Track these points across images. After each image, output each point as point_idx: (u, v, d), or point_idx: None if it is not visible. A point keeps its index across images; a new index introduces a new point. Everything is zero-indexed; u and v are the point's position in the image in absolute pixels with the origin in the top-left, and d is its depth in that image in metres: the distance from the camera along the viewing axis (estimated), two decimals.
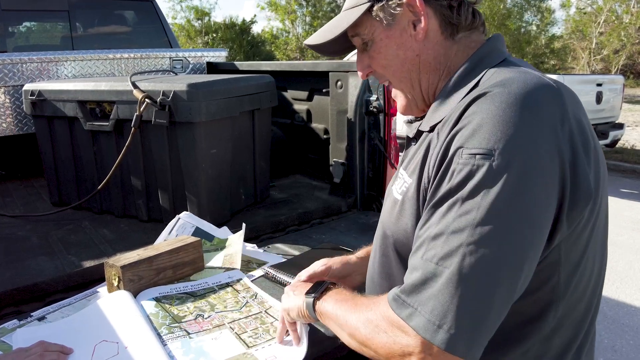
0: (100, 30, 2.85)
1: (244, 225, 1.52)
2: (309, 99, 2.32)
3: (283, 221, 1.81)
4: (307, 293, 0.89)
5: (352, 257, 1.11)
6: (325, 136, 2.24)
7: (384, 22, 0.80)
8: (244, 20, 20.15)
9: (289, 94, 2.42)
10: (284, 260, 1.45)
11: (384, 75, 0.86)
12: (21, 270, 1.37)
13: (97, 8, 2.82)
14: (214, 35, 19.03)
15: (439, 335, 0.60)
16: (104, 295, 1.26)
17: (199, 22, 19.32)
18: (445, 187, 0.65)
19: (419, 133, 0.82)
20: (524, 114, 0.62)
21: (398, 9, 0.78)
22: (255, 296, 1.25)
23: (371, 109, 1.88)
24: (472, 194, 0.62)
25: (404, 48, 0.80)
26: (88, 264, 1.42)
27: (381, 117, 1.88)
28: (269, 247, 1.60)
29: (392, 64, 0.82)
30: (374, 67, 0.86)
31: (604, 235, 0.76)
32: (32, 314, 1.18)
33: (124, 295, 1.19)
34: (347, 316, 0.77)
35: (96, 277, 1.37)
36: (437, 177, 0.67)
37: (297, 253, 1.53)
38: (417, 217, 0.73)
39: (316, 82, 2.21)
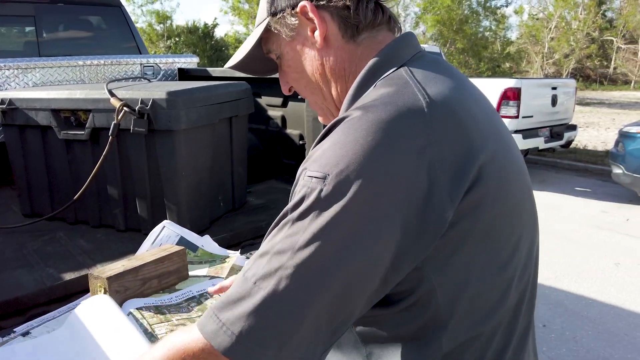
0: (67, 36, 2.77)
1: (238, 252, 1.52)
2: (284, 105, 2.35)
3: (264, 227, 1.82)
4: None
5: None
6: (300, 142, 2.27)
7: (286, 35, 0.78)
8: (205, 24, 19.95)
9: (263, 100, 2.44)
10: None
11: (298, 89, 0.84)
12: None
13: (64, 13, 2.74)
14: (177, 39, 18.77)
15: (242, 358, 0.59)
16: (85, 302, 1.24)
17: (161, 26, 19.00)
18: (286, 207, 0.64)
19: None
20: (371, 143, 0.59)
21: (293, 19, 0.76)
22: None
23: None
24: (301, 217, 0.60)
25: (308, 59, 0.78)
26: (68, 276, 1.40)
27: None
28: (251, 254, 1.61)
29: (302, 76, 0.80)
30: (290, 82, 0.83)
31: (502, 257, 0.70)
32: (15, 329, 1.15)
33: (106, 301, 1.17)
34: None
35: (78, 289, 1.35)
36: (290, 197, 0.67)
37: None
38: None
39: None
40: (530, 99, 6.22)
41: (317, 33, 0.75)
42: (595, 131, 11.06)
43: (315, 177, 0.60)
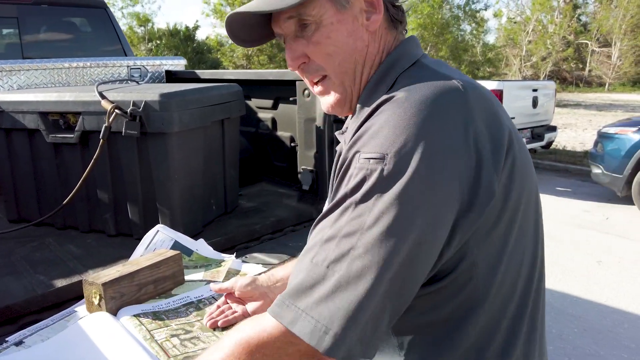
0: (51, 38, 2.71)
1: (233, 256, 1.50)
2: (274, 107, 2.34)
3: (258, 230, 1.81)
4: None
5: (279, 270, 1.16)
6: (292, 144, 2.26)
7: (338, 4, 0.74)
8: (186, 27, 19.81)
9: (253, 103, 2.43)
10: (265, 270, 1.46)
11: (321, 67, 0.77)
12: None
13: (47, 15, 2.68)
14: (158, 42, 18.59)
15: (326, 341, 0.60)
16: (83, 315, 1.21)
17: (142, 28, 18.79)
18: (341, 191, 0.65)
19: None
20: (422, 120, 0.62)
21: None
22: None
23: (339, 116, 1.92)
24: (364, 198, 0.62)
25: (354, 36, 0.75)
26: (60, 282, 1.36)
27: None
28: (246, 257, 1.60)
29: (340, 52, 0.75)
30: (314, 55, 0.76)
31: (527, 233, 0.75)
32: (7, 338, 1.12)
33: (106, 317, 1.15)
34: None
35: (71, 296, 1.31)
36: (338, 182, 0.68)
37: (277, 262, 1.53)
38: None
39: (282, 91, 2.23)
40: (512, 100, 6.32)
41: (374, 16, 0.76)
42: (573, 132, 11.30)
43: (373, 158, 0.62)
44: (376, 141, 0.63)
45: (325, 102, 0.82)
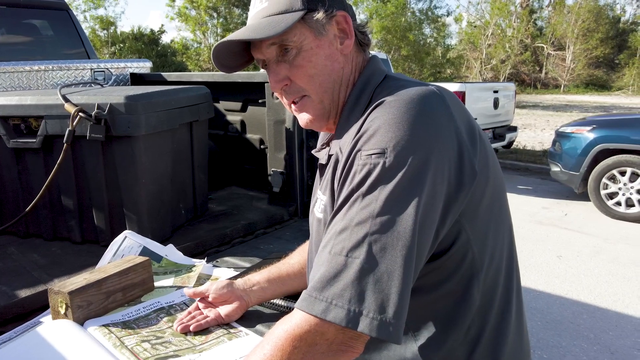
0: (10, 41, 2.60)
1: (204, 260, 1.49)
2: (243, 109, 2.33)
3: (229, 234, 1.79)
4: None
5: (255, 275, 1.19)
6: (261, 147, 2.25)
7: (316, 31, 0.83)
8: (151, 30, 19.41)
9: (221, 105, 2.41)
10: (237, 273, 1.45)
11: (302, 88, 0.85)
12: None
13: (6, 17, 2.56)
14: (122, 45, 18.14)
15: (365, 323, 0.63)
16: (47, 323, 1.17)
17: (105, 32, 18.30)
18: (347, 188, 0.71)
19: (329, 157, 0.87)
20: (415, 117, 0.70)
21: (328, 21, 0.83)
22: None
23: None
24: (370, 189, 0.68)
25: (331, 59, 0.84)
26: (24, 293, 1.31)
27: None
28: (217, 262, 1.58)
29: (321, 73, 0.84)
30: (295, 77, 0.84)
31: (504, 212, 0.84)
32: None
33: (69, 324, 1.12)
34: None
35: (36, 307, 1.27)
36: (341, 182, 0.74)
37: (248, 265, 1.53)
38: None
39: (251, 93, 2.23)
40: (474, 102, 6.49)
41: (347, 41, 0.86)
42: (533, 132, 11.70)
43: (374, 154, 0.69)
44: (375, 139, 0.70)
45: (303, 118, 0.89)
